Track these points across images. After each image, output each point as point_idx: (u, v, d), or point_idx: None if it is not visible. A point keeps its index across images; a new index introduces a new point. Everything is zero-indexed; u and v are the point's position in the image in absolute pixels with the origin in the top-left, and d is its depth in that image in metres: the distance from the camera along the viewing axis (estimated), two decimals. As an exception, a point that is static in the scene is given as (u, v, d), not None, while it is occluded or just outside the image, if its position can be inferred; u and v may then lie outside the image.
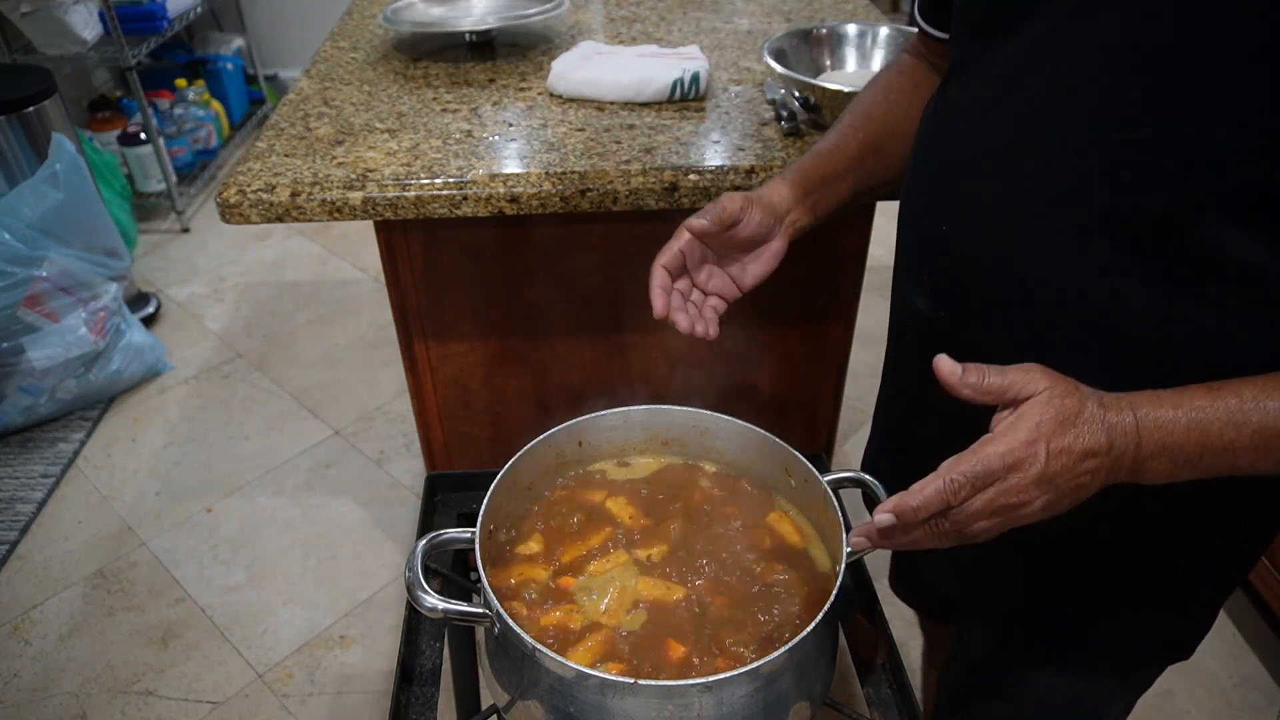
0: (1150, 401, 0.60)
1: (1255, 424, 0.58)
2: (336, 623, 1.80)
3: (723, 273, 0.86)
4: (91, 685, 1.68)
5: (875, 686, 0.84)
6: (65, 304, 2.15)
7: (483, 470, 0.91)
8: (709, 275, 0.85)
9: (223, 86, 3.54)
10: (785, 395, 1.47)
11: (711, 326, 0.83)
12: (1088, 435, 0.59)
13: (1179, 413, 0.60)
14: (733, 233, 0.82)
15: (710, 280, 0.85)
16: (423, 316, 1.33)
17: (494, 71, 1.38)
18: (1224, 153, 0.57)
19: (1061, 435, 0.59)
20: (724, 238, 0.83)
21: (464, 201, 1.07)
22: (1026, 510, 0.61)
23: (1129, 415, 0.60)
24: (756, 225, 0.82)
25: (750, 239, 0.84)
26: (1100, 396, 0.61)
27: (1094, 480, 0.61)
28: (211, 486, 2.12)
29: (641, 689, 0.62)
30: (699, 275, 0.85)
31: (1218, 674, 1.67)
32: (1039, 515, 0.61)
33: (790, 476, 0.83)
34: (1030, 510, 0.61)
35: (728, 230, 0.82)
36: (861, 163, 0.88)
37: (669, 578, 0.76)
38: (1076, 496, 0.61)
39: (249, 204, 1.07)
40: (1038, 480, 0.59)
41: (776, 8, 1.66)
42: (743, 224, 0.82)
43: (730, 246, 0.84)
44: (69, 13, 2.67)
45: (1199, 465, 0.60)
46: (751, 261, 0.85)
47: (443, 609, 0.68)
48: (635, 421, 0.88)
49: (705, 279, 0.85)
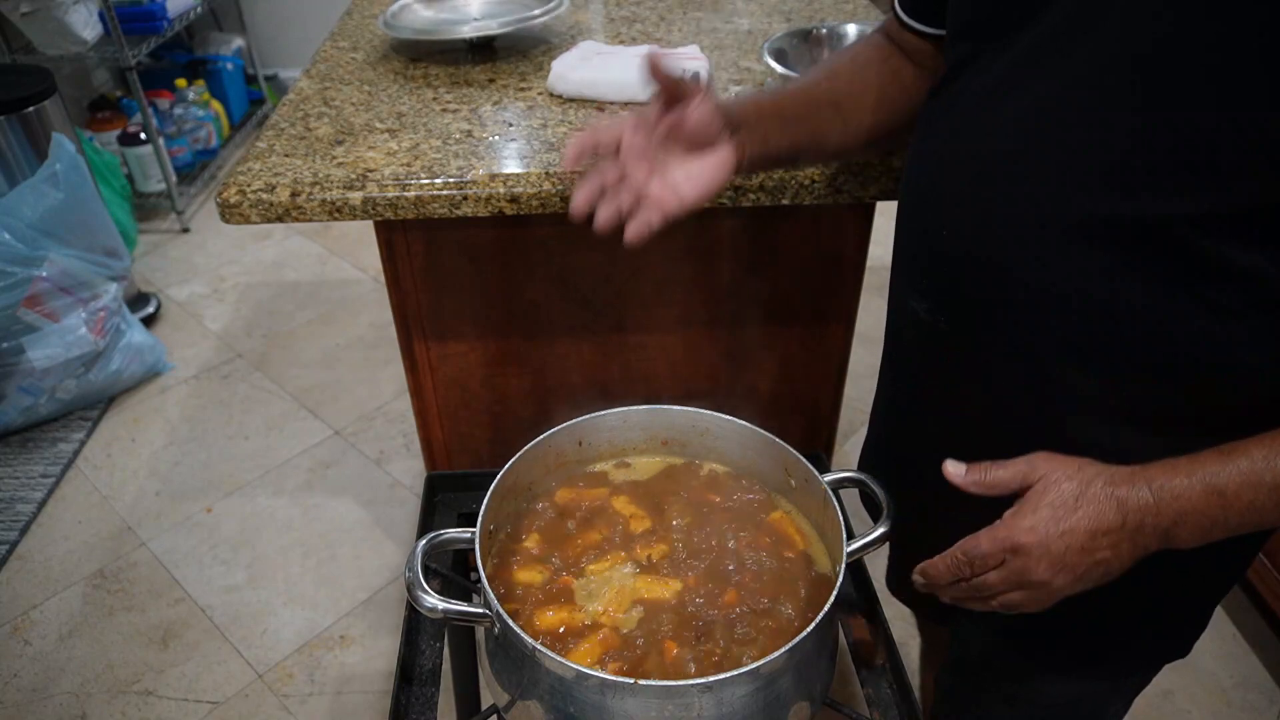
0: (1165, 472, 0.62)
1: (1270, 482, 0.60)
2: (336, 623, 1.80)
3: (662, 178, 0.76)
4: (91, 685, 1.68)
5: (875, 686, 0.84)
6: (65, 304, 2.15)
7: (483, 470, 0.91)
8: (647, 174, 0.76)
9: (223, 86, 3.54)
10: (785, 395, 1.47)
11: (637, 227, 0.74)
12: (1094, 515, 0.62)
13: (1193, 480, 0.61)
14: (683, 118, 0.75)
15: (649, 181, 0.76)
16: (423, 316, 1.33)
17: (494, 72, 1.38)
18: (1224, 159, 0.57)
19: (1063, 519, 0.63)
20: (671, 124, 0.76)
21: (464, 201, 1.07)
22: (1053, 587, 0.64)
23: (1144, 489, 0.62)
24: (708, 116, 0.76)
25: (698, 136, 0.77)
26: (1110, 474, 0.64)
27: (1116, 555, 0.63)
28: (211, 486, 2.12)
29: (641, 689, 0.62)
30: (636, 171, 0.75)
31: (1217, 674, 1.67)
32: (1071, 590, 0.65)
33: (790, 476, 0.83)
34: (1057, 586, 0.64)
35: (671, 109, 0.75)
36: (818, 112, 0.85)
37: (669, 578, 0.76)
38: (1105, 570, 0.64)
39: (249, 204, 1.07)
40: (1046, 562, 0.63)
41: (776, 8, 1.66)
42: (694, 108, 0.74)
43: (675, 138, 0.77)
44: (69, 13, 2.67)
45: (1228, 525, 0.61)
46: (695, 168, 0.77)
47: (443, 609, 0.68)
48: (635, 421, 0.88)
49: (643, 178, 0.75)
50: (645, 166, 0.76)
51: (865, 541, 0.75)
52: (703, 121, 0.76)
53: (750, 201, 1.10)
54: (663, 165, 0.77)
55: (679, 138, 0.77)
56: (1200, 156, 0.57)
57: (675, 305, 1.34)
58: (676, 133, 0.76)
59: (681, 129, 0.76)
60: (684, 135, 0.76)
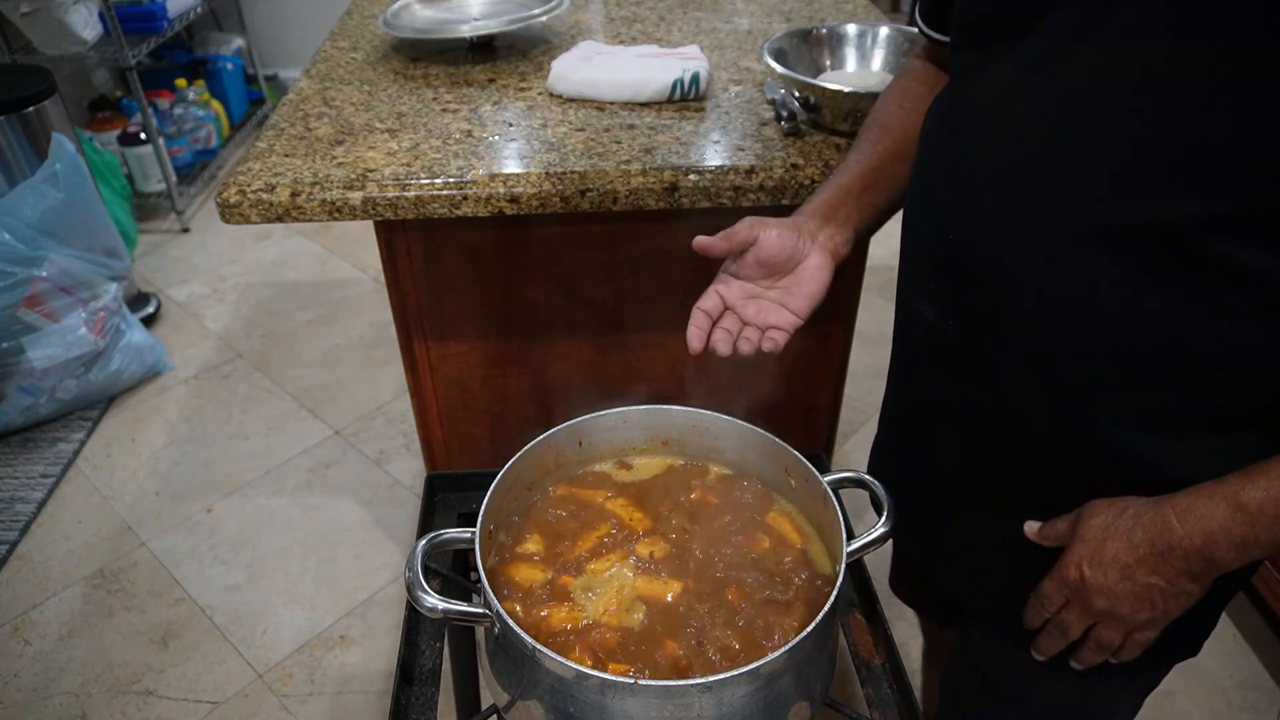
0: (1189, 496, 0.65)
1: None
2: (336, 623, 1.80)
3: (771, 303, 0.84)
4: (91, 685, 1.68)
5: (875, 686, 0.84)
6: (65, 304, 2.15)
7: (483, 470, 0.91)
8: (757, 310, 0.84)
9: (223, 86, 3.54)
10: (785, 395, 1.47)
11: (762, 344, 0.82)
12: (1121, 545, 0.67)
13: (1214, 500, 0.64)
14: (756, 255, 0.82)
15: (760, 314, 0.84)
16: (423, 316, 1.33)
17: (494, 72, 1.38)
18: (1234, 162, 0.56)
19: (1095, 551, 0.69)
20: (751, 263, 0.83)
21: (464, 201, 1.07)
22: (1124, 617, 0.70)
23: (1167, 515, 0.65)
24: (776, 241, 0.82)
25: (778, 259, 0.83)
26: (1139, 505, 0.68)
27: (1168, 582, 0.67)
28: (211, 486, 2.12)
29: (641, 689, 0.62)
30: (746, 311, 0.84)
31: (1218, 674, 1.67)
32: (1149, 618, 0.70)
33: (790, 476, 0.83)
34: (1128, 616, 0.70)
35: (744, 252, 0.82)
36: (884, 172, 0.88)
37: (669, 577, 0.76)
38: (1163, 594, 0.68)
39: (249, 204, 1.07)
40: (1098, 593, 0.69)
41: (776, 8, 1.66)
42: (759, 242, 0.82)
43: (762, 272, 0.84)
44: (69, 13, 2.67)
45: (1261, 542, 0.63)
46: (794, 283, 0.84)
47: (443, 609, 0.68)
48: (635, 421, 0.88)
49: (755, 314, 0.84)
50: (753, 306, 0.84)
51: (865, 541, 0.75)
52: (775, 247, 0.82)
53: (750, 202, 1.10)
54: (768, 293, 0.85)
55: (767, 271, 0.84)
56: (1209, 159, 0.57)
57: (675, 305, 1.34)
58: (763, 268, 0.83)
59: (764, 263, 0.83)
60: (769, 266, 0.83)
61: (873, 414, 2.19)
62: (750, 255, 0.83)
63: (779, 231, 0.82)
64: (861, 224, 0.88)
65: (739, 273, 0.84)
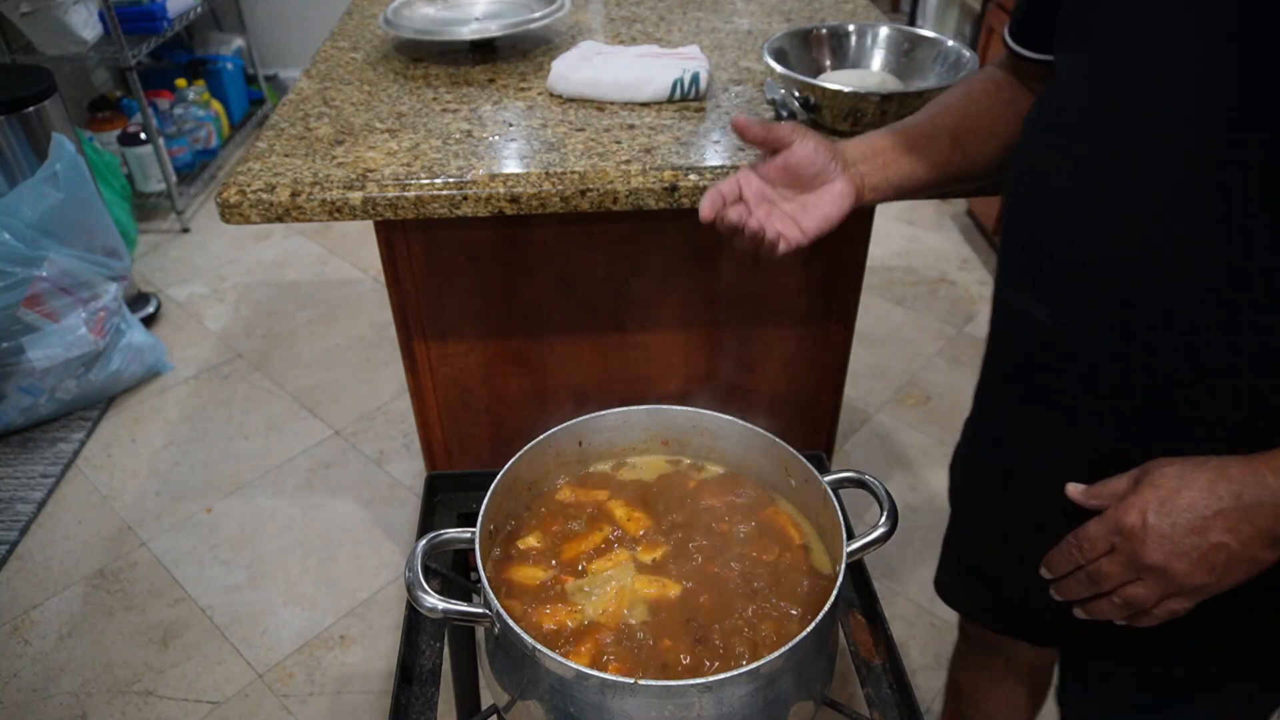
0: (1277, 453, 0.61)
1: None
2: (336, 623, 1.80)
3: (784, 214, 0.83)
4: (91, 685, 1.68)
5: (875, 686, 0.84)
6: (65, 304, 2.15)
7: (483, 470, 0.91)
8: (768, 213, 0.83)
9: (223, 86, 3.54)
10: (785, 395, 1.47)
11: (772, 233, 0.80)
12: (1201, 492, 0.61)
13: None
14: (787, 159, 0.82)
15: (771, 219, 0.83)
16: (423, 316, 1.33)
17: (494, 71, 1.38)
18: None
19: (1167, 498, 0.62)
20: (778, 168, 0.82)
21: (464, 201, 1.07)
22: (1173, 575, 0.63)
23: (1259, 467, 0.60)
24: (811, 152, 0.82)
25: (806, 172, 0.82)
26: (1221, 459, 0.62)
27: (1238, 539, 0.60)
28: (211, 486, 2.12)
29: (641, 689, 0.62)
30: (759, 212, 0.83)
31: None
32: (1199, 582, 0.62)
33: (790, 476, 0.83)
34: (1179, 575, 0.62)
35: (778, 154, 0.81)
36: (934, 143, 0.87)
37: (669, 577, 0.76)
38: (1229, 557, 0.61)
39: (249, 204, 1.07)
40: (1155, 542, 0.62)
41: (776, 8, 1.66)
42: (794, 147, 0.81)
43: (787, 180, 0.83)
44: (69, 13, 2.67)
45: None
46: (813, 201, 0.84)
47: (443, 609, 0.68)
48: (635, 421, 0.88)
49: (765, 216, 0.83)
50: (766, 207, 0.83)
51: (865, 541, 0.75)
52: (807, 158, 0.82)
53: (750, 201, 1.10)
54: (785, 203, 0.84)
55: (791, 179, 0.83)
56: None
57: (675, 305, 1.34)
58: (788, 174, 0.83)
59: (790, 169, 0.82)
60: (794, 174, 0.83)
61: (873, 414, 2.19)
62: (781, 158, 0.83)
63: (816, 145, 0.82)
64: (896, 178, 0.87)
65: (764, 173, 0.84)
